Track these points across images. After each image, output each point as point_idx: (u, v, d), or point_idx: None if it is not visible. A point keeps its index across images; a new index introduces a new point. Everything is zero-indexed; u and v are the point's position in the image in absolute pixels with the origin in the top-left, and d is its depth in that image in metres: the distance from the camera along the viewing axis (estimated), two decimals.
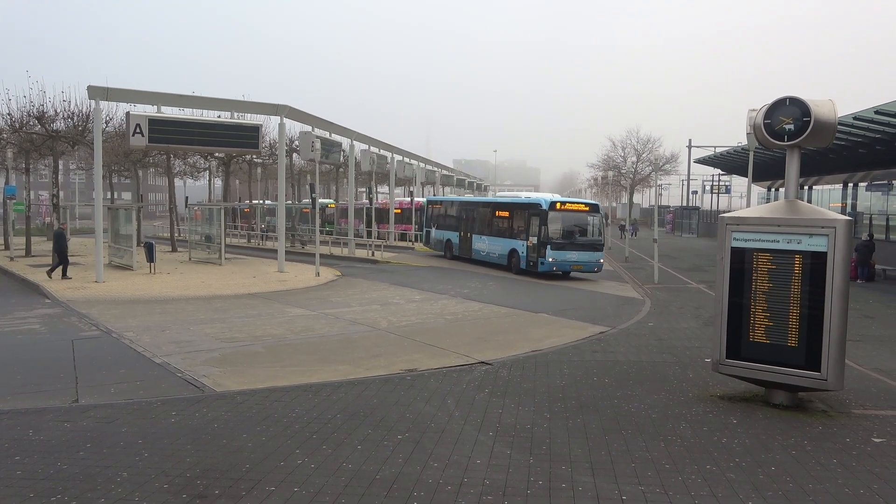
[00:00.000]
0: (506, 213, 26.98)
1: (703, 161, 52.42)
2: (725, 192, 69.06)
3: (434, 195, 59.77)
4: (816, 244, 8.01)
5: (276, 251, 27.10)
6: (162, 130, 20.82)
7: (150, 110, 20.93)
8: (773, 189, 48.65)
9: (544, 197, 26.29)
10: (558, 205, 24.48)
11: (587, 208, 25.05)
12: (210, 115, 23.81)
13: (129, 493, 5.81)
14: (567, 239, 24.09)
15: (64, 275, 21.88)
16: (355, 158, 36.23)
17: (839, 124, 12.93)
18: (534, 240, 24.52)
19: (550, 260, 23.69)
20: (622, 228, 55.43)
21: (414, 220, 42.39)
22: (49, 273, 21.89)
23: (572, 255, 23.90)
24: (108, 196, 42.86)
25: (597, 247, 24.39)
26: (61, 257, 22.00)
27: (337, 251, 34.54)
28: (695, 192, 76.29)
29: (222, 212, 28.01)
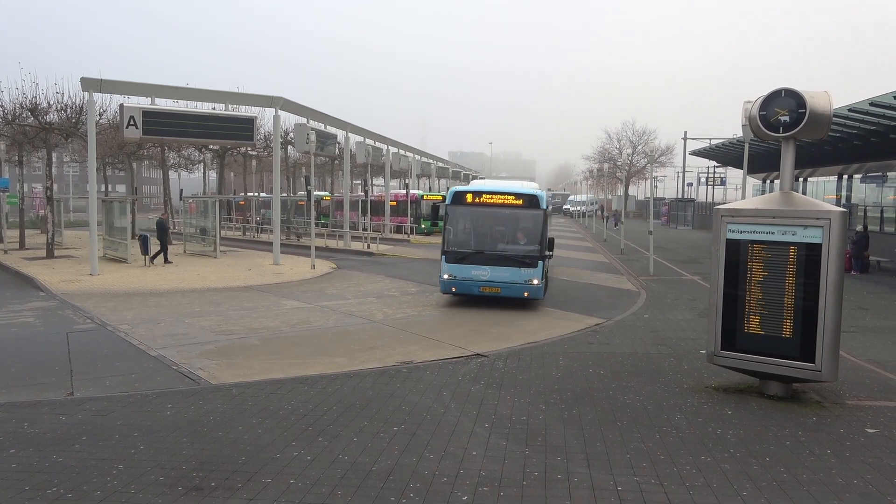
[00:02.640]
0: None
1: (699, 153, 52.44)
2: (720, 184, 69.11)
3: (430, 188, 59.74)
4: (811, 236, 8.03)
5: (271, 244, 27.05)
6: (156, 122, 20.73)
7: (144, 102, 20.84)
8: (768, 181, 48.74)
9: (474, 184, 18.36)
10: (469, 196, 16.21)
11: (517, 201, 16.04)
12: (205, 107, 23.71)
13: (125, 485, 5.81)
14: (477, 247, 15.98)
15: (166, 260, 24.01)
16: (350, 150, 36.15)
17: (834, 116, 12.94)
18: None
19: (446, 277, 15.78)
20: (606, 219, 55.63)
21: (409, 212, 42.36)
22: (151, 259, 23.60)
23: (482, 272, 15.49)
24: (103, 189, 42.69)
25: (525, 260, 15.42)
26: (162, 245, 24.08)
27: (332, 244, 34.50)
28: (690, 184, 76.46)
29: (217, 204, 27.93)
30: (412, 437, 7.07)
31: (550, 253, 16.03)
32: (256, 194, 51.54)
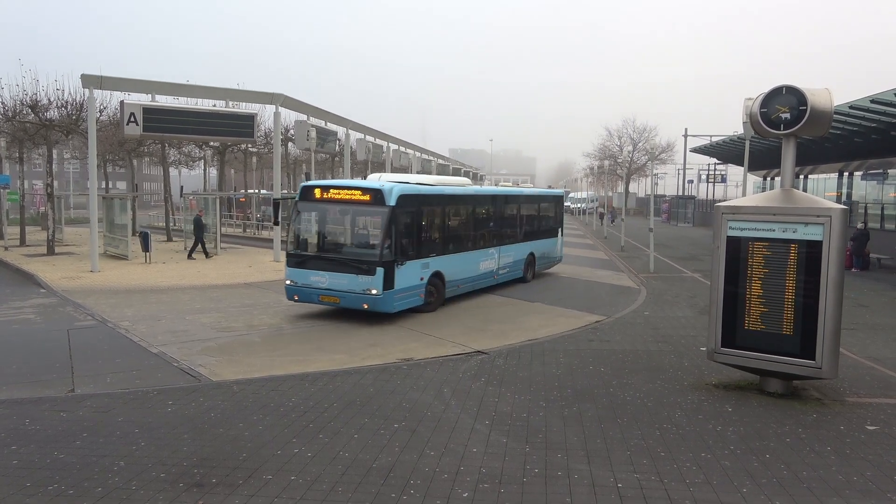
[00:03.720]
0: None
1: (699, 150, 52.39)
2: (721, 182, 69.04)
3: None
4: (812, 233, 8.03)
5: (271, 240, 27.05)
6: (156, 119, 20.72)
7: (144, 99, 20.82)
8: (768, 178, 48.69)
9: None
10: (317, 191, 14.24)
11: (364, 196, 13.74)
12: (205, 104, 23.68)
13: (126, 481, 5.82)
14: (317, 250, 14.30)
15: (206, 255, 25.29)
16: (351, 147, 36.14)
17: (835, 113, 12.92)
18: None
19: (288, 283, 14.15)
20: (602, 216, 55.62)
21: None
22: (190, 254, 24.99)
23: (321, 279, 13.63)
24: (103, 185, 42.69)
25: (363, 266, 13.24)
26: (198, 239, 25.26)
27: None
28: (690, 182, 76.37)
29: (217, 201, 27.91)
30: (413, 433, 7.08)
31: (409, 259, 13.69)
32: (257, 191, 51.51)
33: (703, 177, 71.17)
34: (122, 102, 20.74)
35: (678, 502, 5.59)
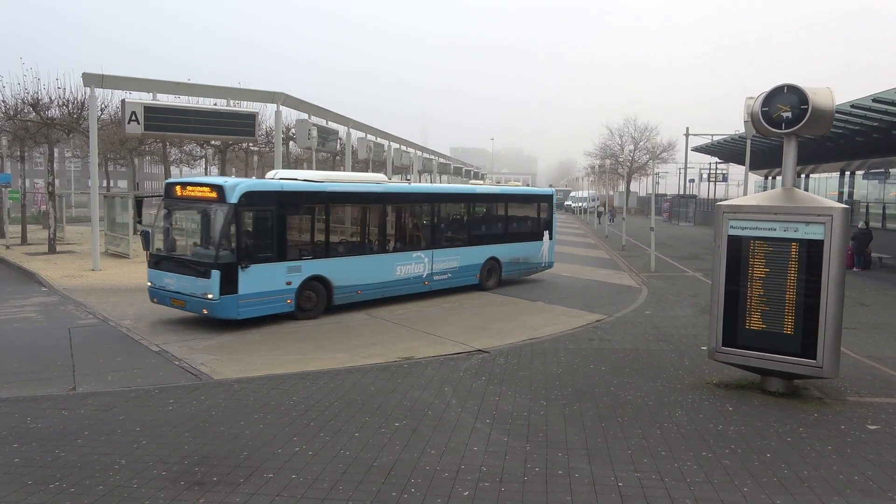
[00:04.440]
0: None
1: (701, 149, 52.32)
2: (722, 181, 68.89)
3: (431, 183, 59.71)
4: (813, 232, 8.03)
5: None
6: (158, 118, 20.70)
7: (145, 97, 20.81)
8: (770, 177, 48.65)
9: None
10: (177, 188, 13.62)
11: (210, 193, 12.86)
12: (206, 103, 23.68)
13: (128, 480, 5.83)
14: (167, 250, 13.70)
15: None
16: (352, 146, 36.13)
17: (836, 112, 12.91)
18: None
19: (149, 285, 13.62)
20: (600, 215, 55.55)
21: None
22: None
23: (170, 281, 13.08)
24: (104, 184, 42.70)
25: (200, 269, 12.44)
26: None
27: None
28: (692, 181, 76.25)
29: None
30: (413, 432, 7.08)
31: (262, 261, 12.71)
32: None
33: (705, 176, 71.04)
34: (123, 101, 20.73)
35: (679, 501, 5.59)
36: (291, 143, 44.11)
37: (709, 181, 68.79)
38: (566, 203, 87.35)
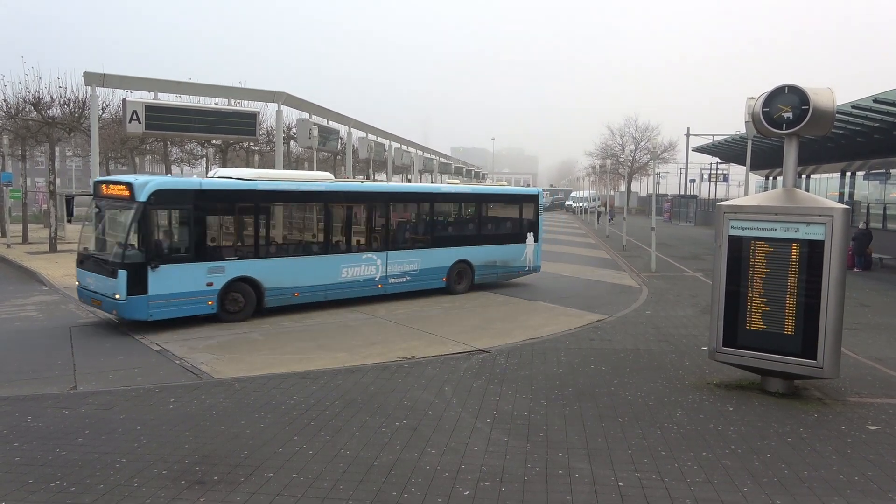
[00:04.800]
0: None
1: (701, 149, 52.28)
2: (723, 181, 68.93)
3: (432, 183, 59.69)
4: (814, 233, 8.03)
5: None
6: (159, 117, 20.70)
7: (146, 97, 20.81)
8: (771, 177, 48.63)
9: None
10: (102, 187, 13.36)
11: (123, 192, 12.55)
12: (207, 103, 23.69)
13: (128, 479, 5.84)
14: (90, 249, 13.56)
15: None
16: (353, 146, 36.14)
17: (837, 113, 12.93)
18: None
19: (77, 283, 13.64)
20: (600, 215, 55.57)
21: None
22: None
23: (89, 280, 13.00)
24: None
25: (109, 268, 12.28)
26: None
27: None
28: (692, 181, 76.24)
29: None
30: (414, 432, 7.09)
31: (177, 261, 12.51)
32: None
33: (706, 176, 71.09)
34: (124, 100, 20.73)
35: (679, 501, 5.59)
36: (292, 142, 44.14)
37: (710, 181, 68.82)
38: (567, 203, 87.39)
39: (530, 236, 19.17)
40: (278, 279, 13.84)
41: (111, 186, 13.05)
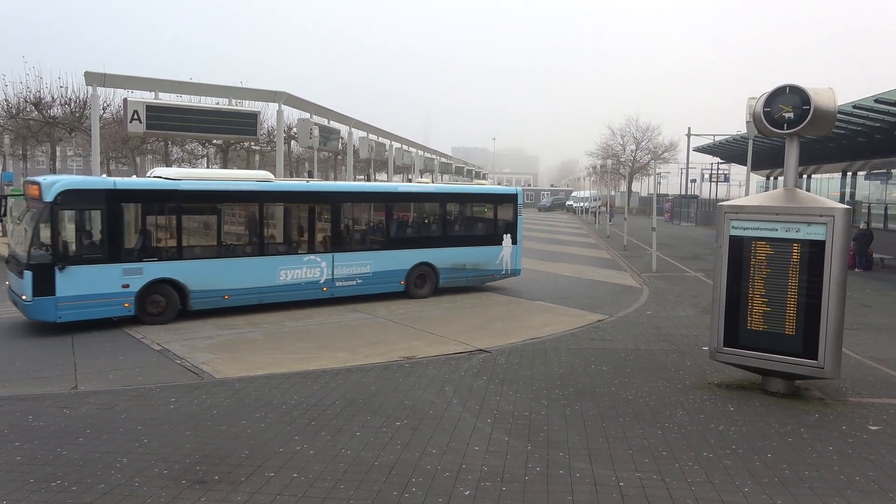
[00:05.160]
0: None
1: (702, 149, 52.29)
2: (724, 181, 68.90)
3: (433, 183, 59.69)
4: (815, 233, 8.02)
5: None
6: (160, 117, 20.69)
7: (147, 96, 20.82)
8: (772, 178, 48.61)
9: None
10: (27, 187, 13.31)
11: (35, 191, 12.46)
12: (208, 102, 23.71)
13: (129, 478, 5.84)
14: (12, 249, 13.62)
15: None
16: (354, 146, 36.15)
17: (838, 113, 12.90)
18: None
19: (7, 284, 13.68)
20: (597, 214, 55.64)
21: None
22: None
23: (11, 281, 13.20)
24: None
25: (18, 268, 12.47)
26: None
27: None
28: (693, 181, 76.21)
29: None
30: (415, 431, 7.09)
31: (88, 262, 12.31)
32: None
33: (706, 176, 71.05)
34: (125, 100, 20.74)
35: (680, 501, 5.59)
36: (293, 142, 44.16)
37: (710, 181, 68.78)
38: (568, 203, 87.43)
39: (507, 238, 18.13)
40: (205, 281, 13.46)
41: (30, 186, 12.83)
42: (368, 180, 45.16)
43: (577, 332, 12.57)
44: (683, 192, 73.79)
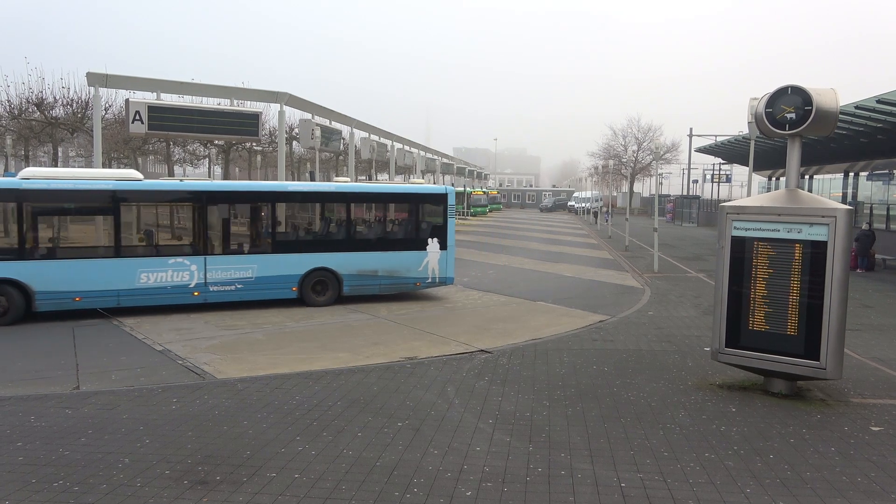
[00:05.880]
0: None
1: (704, 150, 52.31)
2: (726, 182, 68.86)
3: (434, 183, 59.70)
4: (817, 233, 8.01)
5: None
6: (161, 118, 20.73)
7: (149, 97, 20.86)
8: (773, 178, 48.59)
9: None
10: None
11: None
12: (210, 103, 23.74)
13: (131, 478, 5.85)
14: None
15: None
16: (355, 146, 36.17)
17: (840, 113, 12.88)
18: None
19: None
20: (596, 214, 55.63)
21: None
22: None
23: None
24: None
25: None
26: None
27: None
28: (695, 181, 76.18)
29: None
30: (416, 432, 7.09)
31: None
32: None
33: (708, 177, 71.01)
34: (127, 100, 20.77)
35: (682, 502, 5.59)
36: (295, 142, 44.19)
37: (712, 182, 68.72)
38: (569, 204, 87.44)
39: (433, 243, 16.35)
40: (51, 282, 13.12)
41: None
42: (370, 181, 45.21)
43: (579, 333, 12.56)
44: (685, 193, 73.77)
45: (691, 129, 66.72)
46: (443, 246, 16.46)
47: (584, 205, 75.72)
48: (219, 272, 14.48)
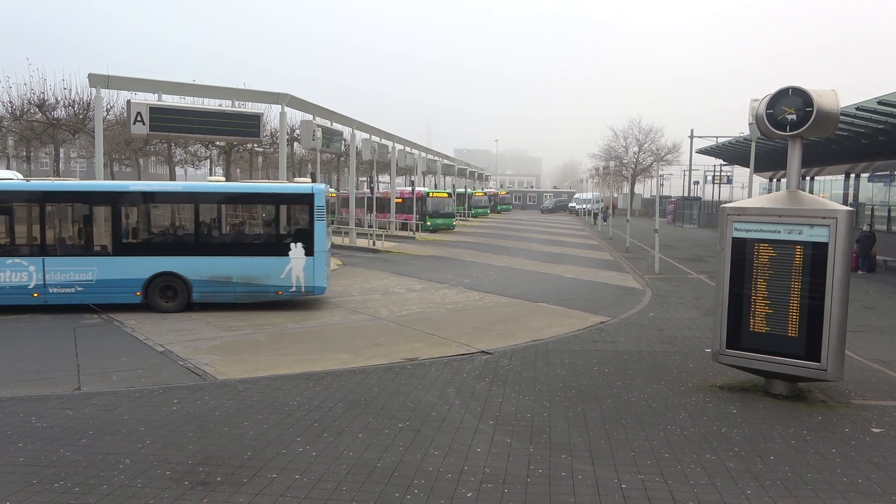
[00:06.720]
0: None
1: (705, 151, 52.28)
2: (727, 183, 68.87)
3: (436, 186, 59.75)
4: (818, 235, 8.01)
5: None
6: (163, 119, 20.77)
7: (151, 98, 20.89)
8: (774, 179, 48.57)
9: None
10: None
11: None
12: (211, 104, 23.77)
13: (132, 479, 5.85)
14: None
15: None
16: (356, 147, 36.18)
17: (841, 114, 12.90)
18: None
19: None
20: (596, 216, 55.67)
21: (415, 209, 42.43)
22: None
23: None
24: None
25: None
26: None
27: (338, 240, 34.48)
28: (696, 183, 76.14)
29: None
30: (417, 433, 7.09)
31: None
32: None
33: (709, 178, 71.01)
34: (128, 102, 20.82)
35: (682, 503, 5.58)
36: (296, 143, 44.21)
37: (713, 183, 68.73)
38: (570, 205, 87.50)
39: (297, 248, 14.91)
40: None
41: None
42: (371, 181, 45.17)
43: (580, 334, 12.56)
44: (686, 194, 73.74)
45: (692, 131, 66.69)
46: (309, 252, 14.94)
47: (585, 206, 75.73)
48: (58, 274, 14.15)
